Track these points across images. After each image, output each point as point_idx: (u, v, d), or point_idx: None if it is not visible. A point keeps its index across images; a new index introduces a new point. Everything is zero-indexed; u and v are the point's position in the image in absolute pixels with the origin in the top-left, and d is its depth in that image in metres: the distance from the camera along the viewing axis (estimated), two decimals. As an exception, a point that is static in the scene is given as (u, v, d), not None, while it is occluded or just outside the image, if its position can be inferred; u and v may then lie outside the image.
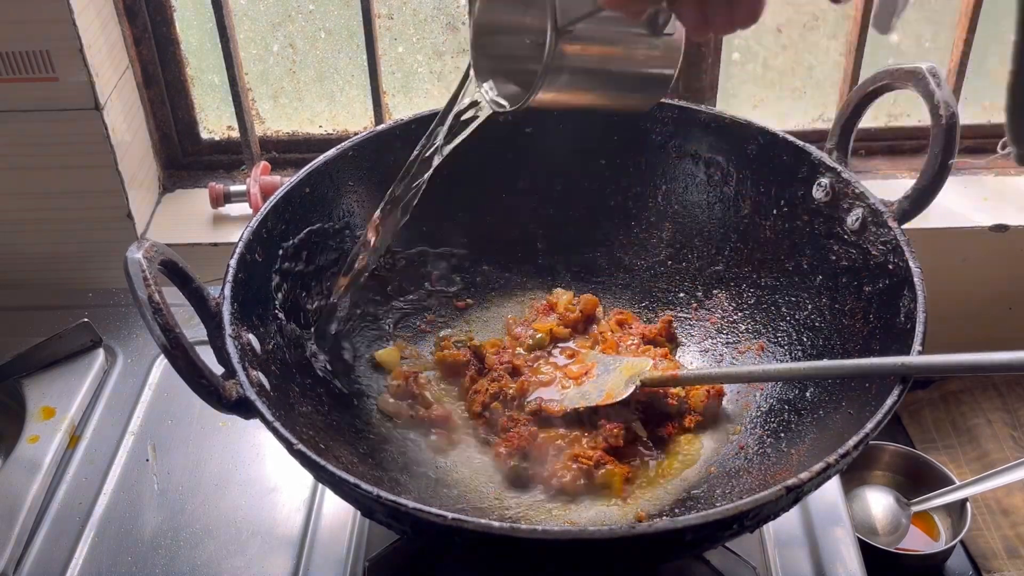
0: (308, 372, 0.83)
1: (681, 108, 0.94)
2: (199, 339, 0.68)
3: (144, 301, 0.63)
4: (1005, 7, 1.33)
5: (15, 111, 1.17)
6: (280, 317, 0.82)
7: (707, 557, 0.82)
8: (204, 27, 1.30)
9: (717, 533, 0.63)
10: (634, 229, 1.00)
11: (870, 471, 1.33)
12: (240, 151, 1.37)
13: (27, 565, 0.85)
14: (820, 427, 0.78)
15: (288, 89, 1.38)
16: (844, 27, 1.32)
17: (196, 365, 0.65)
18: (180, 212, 1.35)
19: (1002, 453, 1.34)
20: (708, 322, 0.96)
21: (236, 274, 0.75)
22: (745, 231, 0.93)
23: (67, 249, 1.29)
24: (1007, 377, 1.42)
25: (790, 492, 0.60)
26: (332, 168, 0.89)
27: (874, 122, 1.41)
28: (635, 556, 0.63)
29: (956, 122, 0.77)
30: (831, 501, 0.88)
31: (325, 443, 0.76)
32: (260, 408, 0.66)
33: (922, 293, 0.73)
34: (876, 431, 0.64)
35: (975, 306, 1.39)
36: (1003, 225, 1.31)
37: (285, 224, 0.84)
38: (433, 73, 1.37)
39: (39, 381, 1.02)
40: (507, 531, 0.59)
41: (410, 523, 0.62)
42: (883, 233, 0.79)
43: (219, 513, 0.88)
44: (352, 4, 1.28)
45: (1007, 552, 1.25)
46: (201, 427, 0.97)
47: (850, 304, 0.82)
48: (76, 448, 0.96)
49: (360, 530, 0.86)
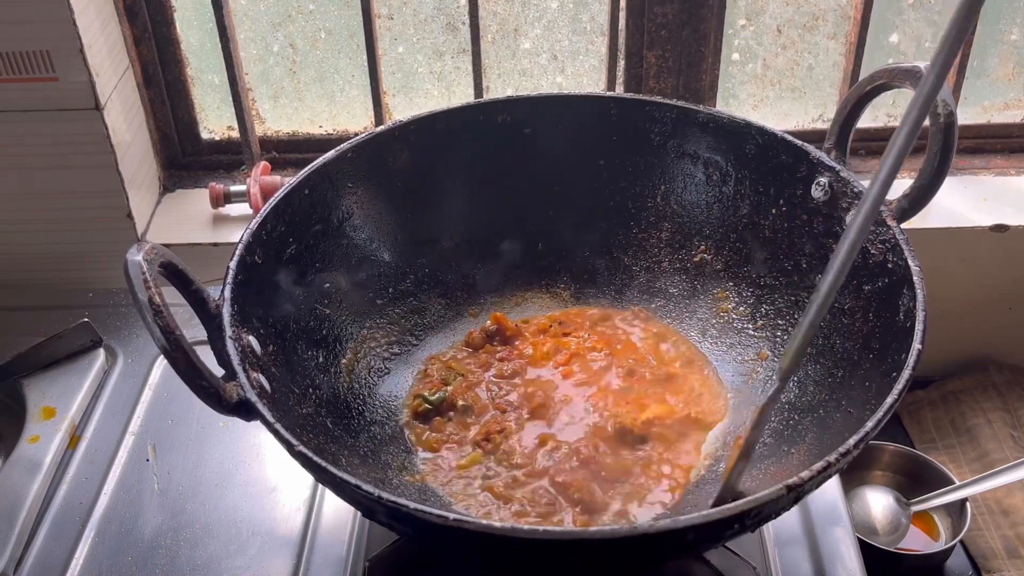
0: (309, 373, 0.83)
1: (680, 108, 0.94)
2: (199, 339, 0.68)
3: (144, 303, 0.63)
4: (1005, 7, 1.33)
5: (15, 111, 1.17)
6: (280, 318, 0.82)
7: (707, 557, 0.82)
8: (204, 27, 1.30)
9: (718, 532, 0.63)
10: (633, 229, 1.00)
11: (870, 471, 1.33)
12: (240, 151, 1.38)
13: (27, 565, 0.85)
14: (820, 426, 0.78)
15: (288, 89, 1.38)
16: (844, 27, 1.32)
17: (197, 367, 0.65)
18: (180, 212, 1.35)
19: (1002, 453, 1.34)
20: (708, 322, 0.96)
21: (236, 276, 0.75)
22: (744, 231, 0.94)
23: (67, 249, 1.29)
24: (1007, 377, 1.42)
25: (791, 491, 0.60)
26: (331, 169, 0.89)
27: (874, 122, 1.41)
28: (636, 556, 0.63)
29: (954, 121, 0.77)
30: (831, 501, 0.88)
31: (326, 444, 0.76)
32: (261, 410, 0.66)
33: (921, 291, 0.73)
34: (876, 430, 0.64)
35: (975, 306, 1.39)
36: (1003, 225, 1.31)
37: (285, 226, 0.84)
38: (433, 73, 1.37)
39: (39, 381, 1.02)
40: (508, 531, 0.59)
41: (411, 524, 0.62)
42: (882, 232, 0.79)
43: (219, 513, 0.89)
44: (352, 4, 1.28)
45: (1007, 552, 1.25)
46: (201, 427, 0.97)
47: (849, 303, 0.82)
48: (76, 448, 0.96)
49: (360, 530, 0.86)
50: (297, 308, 0.85)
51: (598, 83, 1.36)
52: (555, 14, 1.32)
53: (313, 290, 0.87)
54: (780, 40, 1.35)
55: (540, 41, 1.34)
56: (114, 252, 1.26)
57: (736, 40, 1.34)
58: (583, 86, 1.37)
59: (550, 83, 1.38)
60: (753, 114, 1.38)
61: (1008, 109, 1.43)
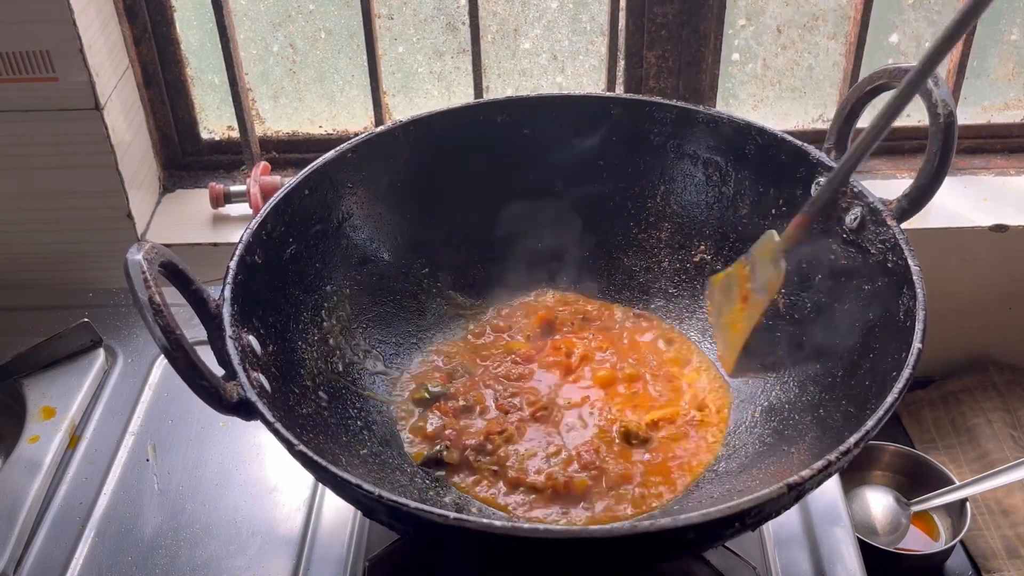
0: (308, 374, 0.83)
1: (679, 108, 0.94)
2: (198, 339, 0.68)
3: (145, 303, 0.63)
4: (1005, 7, 1.33)
5: (15, 111, 1.17)
6: (280, 318, 0.82)
7: (707, 557, 0.82)
8: (204, 27, 1.30)
9: (719, 531, 0.63)
10: (633, 230, 1.00)
11: (870, 471, 1.33)
12: (240, 151, 1.38)
13: (27, 565, 0.85)
14: (820, 426, 0.78)
15: (288, 89, 1.38)
16: (844, 27, 1.32)
17: (197, 367, 0.65)
18: (180, 212, 1.35)
19: (1002, 453, 1.34)
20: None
21: (236, 276, 0.75)
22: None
23: (67, 249, 1.29)
24: (1007, 377, 1.42)
25: (792, 490, 0.60)
26: (331, 170, 0.89)
27: (874, 122, 1.41)
28: (637, 555, 0.63)
29: (954, 121, 0.77)
30: (831, 501, 0.88)
31: (325, 444, 0.76)
32: (261, 410, 0.66)
33: (921, 291, 0.73)
34: (877, 429, 0.64)
35: (975, 306, 1.39)
36: (1003, 225, 1.31)
37: (285, 226, 0.84)
38: (433, 73, 1.37)
39: (39, 381, 1.02)
40: (509, 530, 0.59)
41: (412, 523, 0.62)
42: (882, 232, 0.79)
43: (219, 513, 0.89)
44: (352, 4, 1.28)
45: (1007, 552, 1.25)
46: (201, 427, 0.97)
47: (849, 302, 0.82)
48: (76, 448, 0.96)
49: (360, 530, 0.86)
50: (297, 308, 0.85)
51: (598, 83, 1.36)
52: (555, 14, 1.32)
53: (313, 290, 0.87)
54: (780, 40, 1.35)
55: (540, 41, 1.34)
56: (114, 252, 1.26)
57: (736, 40, 1.34)
58: (583, 86, 1.37)
59: (550, 83, 1.38)
60: (753, 114, 1.38)
61: (1008, 109, 1.43)
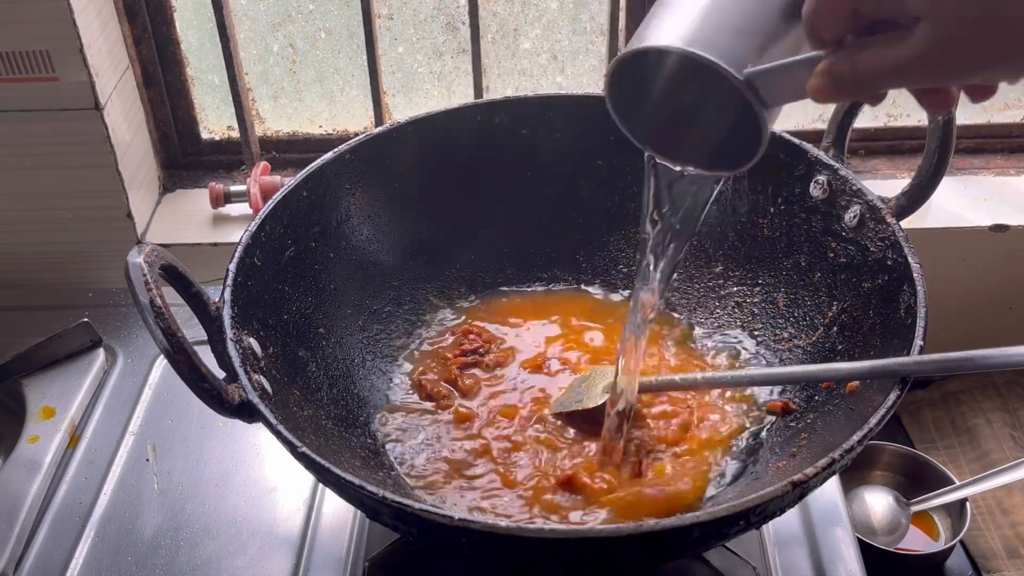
0: (308, 376, 0.83)
1: (680, 108, 0.94)
2: (198, 339, 0.68)
3: (146, 305, 0.63)
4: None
5: (15, 111, 1.17)
6: (280, 320, 0.82)
7: (707, 557, 0.82)
8: (204, 27, 1.30)
9: (723, 530, 0.63)
10: (632, 229, 1.00)
11: (870, 471, 1.33)
12: (240, 151, 1.38)
13: (27, 565, 0.85)
14: (822, 424, 0.78)
15: (288, 89, 1.38)
16: (843, 27, 1.32)
17: (198, 369, 0.65)
18: (180, 212, 1.35)
19: (1002, 453, 1.34)
20: (707, 322, 0.96)
21: (236, 278, 0.75)
22: (743, 230, 0.93)
23: (67, 249, 1.29)
24: (1007, 377, 1.42)
25: (796, 487, 0.61)
26: (330, 171, 0.89)
27: (873, 122, 1.41)
28: (641, 554, 0.63)
29: (952, 118, 0.77)
30: (831, 501, 0.88)
31: (327, 446, 0.76)
32: (264, 412, 0.66)
33: (922, 288, 0.73)
34: (879, 427, 0.64)
35: (975, 306, 1.39)
36: (1003, 225, 1.31)
37: (283, 228, 0.84)
38: (433, 73, 1.37)
39: (39, 381, 1.02)
40: (514, 531, 0.59)
41: (416, 525, 0.62)
42: (881, 229, 0.79)
43: (219, 513, 0.89)
44: (352, 4, 1.28)
45: (1007, 552, 1.25)
46: (201, 427, 0.97)
47: (850, 301, 0.82)
48: (76, 448, 0.96)
49: (360, 530, 0.86)
50: (297, 309, 0.85)
51: (598, 83, 1.36)
52: (555, 14, 1.32)
53: (312, 291, 0.87)
54: (780, 40, 1.34)
55: (540, 41, 1.34)
56: (114, 252, 1.27)
57: (736, 40, 1.34)
58: (583, 86, 1.37)
59: (550, 83, 1.38)
60: (753, 114, 1.38)
61: (1008, 109, 1.43)
